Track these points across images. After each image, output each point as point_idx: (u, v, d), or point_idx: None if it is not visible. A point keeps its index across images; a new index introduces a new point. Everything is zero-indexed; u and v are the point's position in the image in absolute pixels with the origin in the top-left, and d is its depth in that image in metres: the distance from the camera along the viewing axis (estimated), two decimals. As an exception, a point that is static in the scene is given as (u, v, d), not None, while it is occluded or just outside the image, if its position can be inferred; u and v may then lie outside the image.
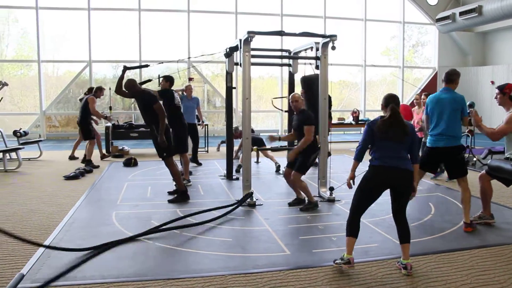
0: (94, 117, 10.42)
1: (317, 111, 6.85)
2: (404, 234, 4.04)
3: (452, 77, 5.35)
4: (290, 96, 6.21)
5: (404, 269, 3.94)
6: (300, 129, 5.97)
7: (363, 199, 4.12)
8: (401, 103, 4.81)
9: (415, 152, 4.12)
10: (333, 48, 6.53)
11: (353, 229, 4.06)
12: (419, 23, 19.72)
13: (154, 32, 17.03)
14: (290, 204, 6.26)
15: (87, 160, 9.76)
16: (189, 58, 14.45)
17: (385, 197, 5.60)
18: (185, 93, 9.58)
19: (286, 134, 7.26)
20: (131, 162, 9.83)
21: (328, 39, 6.58)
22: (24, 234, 5.03)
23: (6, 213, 5.95)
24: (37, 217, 5.74)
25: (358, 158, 4.22)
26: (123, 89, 6.55)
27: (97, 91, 10.40)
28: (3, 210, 6.08)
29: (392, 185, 4.03)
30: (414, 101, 8.98)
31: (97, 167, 9.61)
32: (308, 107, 6.67)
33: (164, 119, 6.40)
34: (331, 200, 6.48)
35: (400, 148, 3.98)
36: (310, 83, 7.24)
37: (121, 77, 6.62)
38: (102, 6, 16.58)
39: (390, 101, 4.07)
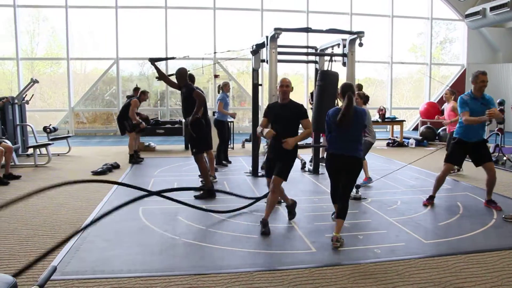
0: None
1: (328, 106, 6.91)
2: (341, 211, 4.65)
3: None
4: (280, 80, 5.11)
5: (331, 241, 4.52)
6: (291, 122, 5.05)
7: (331, 183, 4.96)
8: (428, 101, 4.95)
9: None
10: (360, 44, 6.48)
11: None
12: (447, 19, 19.35)
13: (180, 30, 17.14)
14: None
15: (130, 155, 9.88)
16: (214, 53, 14.50)
17: (413, 195, 5.55)
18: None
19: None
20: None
21: (355, 36, 6.53)
22: (54, 227, 5.17)
23: (37, 206, 6.09)
24: (66, 211, 5.87)
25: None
26: (175, 75, 6.75)
27: (141, 95, 10.34)
28: (34, 204, 6.22)
29: (342, 169, 4.70)
30: (444, 96, 8.87)
31: (142, 159, 10.02)
32: (320, 100, 6.66)
33: (201, 104, 6.56)
34: (357, 198, 6.42)
35: (349, 135, 4.59)
36: (325, 75, 7.15)
37: (158, 69, 6.82)
38: (129, 4, 16.77)
39: (347, 89, 4.63)
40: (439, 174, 6.13)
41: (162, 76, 6.94)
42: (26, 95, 11.10)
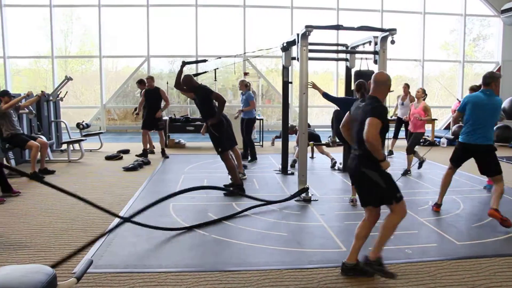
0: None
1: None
2: None
3: (487, 80, 5.37)
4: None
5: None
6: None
7: None
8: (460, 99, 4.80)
9: None
10: (393, 42, 6.38)
11: None
12: (482, 15, 18.89)
13: (210, 27, 17.24)
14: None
15: (143, 150, 10.07)
16: (244, 53, 14.53)
17: (445, 196, 5.44)
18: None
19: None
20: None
21: (387, 33, 6.44)
22: (87, 222, 5.28)
23: (71, 201, 6.21)
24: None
25: None
26: (182, 86, 6.80)
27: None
28: (68, 199, 6.34)
29: None
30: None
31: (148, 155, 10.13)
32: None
33: (224, 104, 6.62)
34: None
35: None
36: (363, 77, 7.09)
37: (180, 72, 6.88)
38: (160, 2, 16.96)
39: (360, 87, 5.67)
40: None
41: (177, 83, 6.99)
42: (60, 92, 11.36)
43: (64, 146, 10.62)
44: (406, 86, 10.95)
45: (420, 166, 8.34)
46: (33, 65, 18.67)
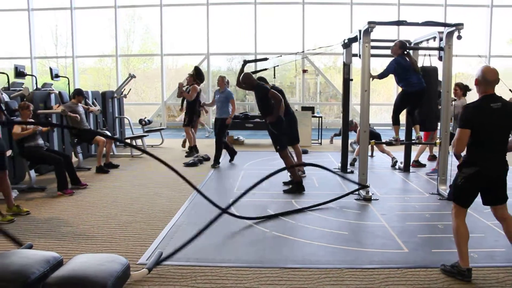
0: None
1: (434, 104, 6.65)
2: None
3: None
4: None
5: None
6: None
7: None
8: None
9: None
10: (459, 37, 6.15)
11: None
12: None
13: (269, 25, 17.29)
14: None
15: (190, 147, 10.19)
16: (303, 51, 14.48)
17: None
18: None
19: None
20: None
21: (453, 28, 6.21)
22: (150, 215, 5.45)
23: (134, 194, 6.46)
24: (161, 200, 6.16)
25: None
26: (242, 84, 6.99)
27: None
28: (132, 192, 6.61)
29: None
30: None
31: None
32: (425, 99, 6.47)
33: (281, 103, 6.61)
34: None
35: None
36: (426, 74, 6.88)
37: (241, 71, 6.98)
38: (220, 1, 17.19)
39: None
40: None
41: (238, 82, 7.11)
42: (124, 89, 11.75)
43: (127, 141, 10.99)
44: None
45: None
46: (97, 63, 19.51)
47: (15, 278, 2.32)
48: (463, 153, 3.79)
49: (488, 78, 3.64)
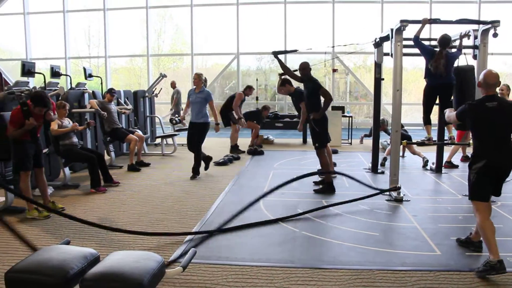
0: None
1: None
2: None
3: None
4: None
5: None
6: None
7: None
8: None
9: None
10: (495, 35, 6.02)
11: None
12: None
13: (299, 24, 17.25)
14: None
15: (232, 146, 10.25)
16: (333, 48, 14.39)
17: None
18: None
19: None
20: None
21: (488, 26, 6.08)
22: (181, 213, 5.53)
23: (165, 193, 6.55)
24: (192, 199, 6.23)
25: None
26: (298, 69, 6.84)
27: (247, 89, 10.67)
28: (163, 191, 6.71)
29: None
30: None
31: (241, 152, 10.21)
32: (463, 101, 6.31)
33: (330, 102, 6.64)
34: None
35: None
36: (463, 73, 6.73)
37: (281, 62, 7.04)
38: (250, 0, 17.24)
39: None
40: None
41: (286, 70, 7.06)
42: (155, 88, 11.91)
43: (158, 140, 11.15)
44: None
45: None
46: (128, 63, 19.82)
47: (55, 273, 2.40)
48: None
49: (488, 82, 3.88)
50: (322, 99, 6.67)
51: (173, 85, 14.08)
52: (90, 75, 10.77)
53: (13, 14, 18.79)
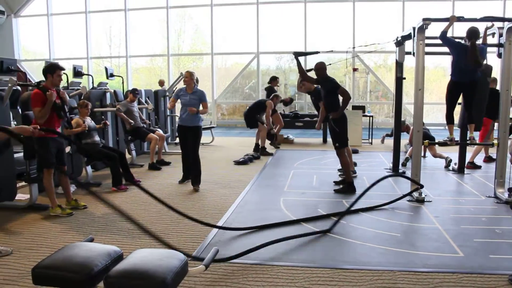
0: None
1: (483, 103, 6.55)
2: None
3: None
4: None
5: None
6: None
7: None
8: None
9: None
10: (522, 32, 5.91)
11: None
12: None
13: (319, 23, 17.17)
14: None
15: (256, 145, 10.22)
16: (353, 47, 14.30)
17: None
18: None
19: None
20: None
21: (515, 23, 5.97)
22: (202, 211, 5.56)
23: (186, 191, 6.61)
24: (213, 197, 6.27)
25: None
26: (314, 70, 6.88)
27: (274, 98, 10.61)
28: (184, 189, 6.76)
29: None
30: None
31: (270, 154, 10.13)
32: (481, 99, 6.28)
33: (348, 101, 6.63)
34: (510, 202, 5.90)
35: None
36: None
37: (300, 64, 7.00)
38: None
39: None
40: None
41: (302, 73, 7.07)
42: (176, 88, 11.98)
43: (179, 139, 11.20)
44: None
45: None
46: (148, 63, 20.00)
47: (80, 270, 2.44)
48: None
49: None
50: (341, 98, 6.65)
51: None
52: (112, 75, 10.90)
53: (37, 16, 19.13)
